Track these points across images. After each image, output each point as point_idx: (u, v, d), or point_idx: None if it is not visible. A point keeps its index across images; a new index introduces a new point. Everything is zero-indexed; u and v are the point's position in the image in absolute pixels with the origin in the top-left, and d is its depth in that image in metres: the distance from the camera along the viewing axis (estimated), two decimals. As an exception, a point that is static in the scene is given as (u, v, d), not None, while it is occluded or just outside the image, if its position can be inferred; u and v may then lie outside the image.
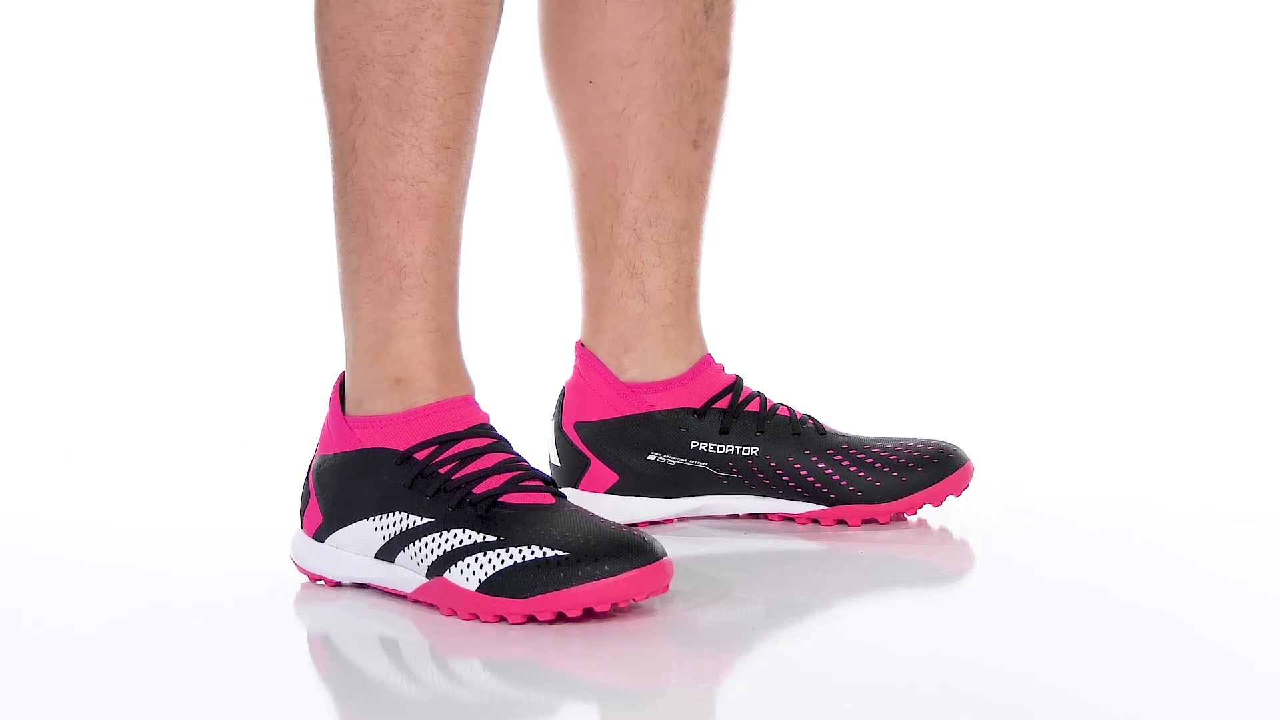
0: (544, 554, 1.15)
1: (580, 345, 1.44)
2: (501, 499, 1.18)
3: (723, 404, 1.41)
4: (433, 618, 1.18)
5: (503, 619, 1.15)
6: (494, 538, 1.17)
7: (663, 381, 1.41)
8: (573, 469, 1.43)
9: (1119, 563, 1.32)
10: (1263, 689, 1.02)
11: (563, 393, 1.45)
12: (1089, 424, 1.93)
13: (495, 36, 1.26)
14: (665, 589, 1.16)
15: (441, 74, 1.23)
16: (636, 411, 1.41)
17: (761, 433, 1.40)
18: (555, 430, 1.44)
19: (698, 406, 1.41)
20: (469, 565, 1.17)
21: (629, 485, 1.42)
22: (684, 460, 1.41)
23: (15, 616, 1.24)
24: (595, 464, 1.42)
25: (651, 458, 1.41)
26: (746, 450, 1.40)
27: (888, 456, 1.39)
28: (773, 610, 1.22)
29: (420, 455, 1.22)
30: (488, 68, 1.26)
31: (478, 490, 1.19)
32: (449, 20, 1.22)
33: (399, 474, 1.22)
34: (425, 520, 1.20)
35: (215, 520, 1.55)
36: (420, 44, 1.22)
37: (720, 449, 1.40)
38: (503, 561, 1.16)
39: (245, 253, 2.58)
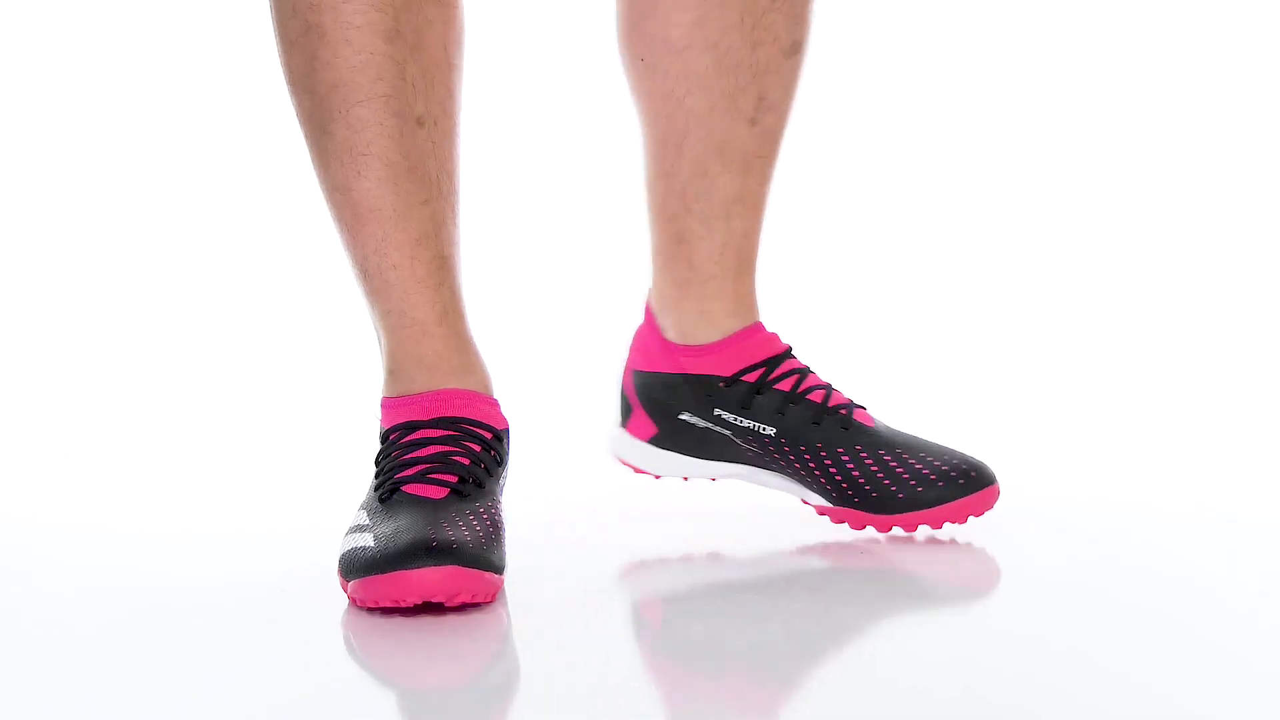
0: (366, 544, 1.21)
1: (647, 297, 1.48)
2: (404, 487, 1.25)
3: (752, 377, 1.41)
4: (437, 616, 1.18)
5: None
6: (368, 522, 1.23)
7: (696, 346, 1.43)
8: (623, 412, 1.47)
9: (1121, 563, 1.32)
10: (1266, 690, 1.02)
11: (632, 338, 1.49)
12: (1087, 424, 1.93)
13: (401, 39, 1.29)
14: (463, 598, 1.18)
15: (337, 86, 1.28)
16: (673, 371, 1.43)
17: (782, 414, 1.39)
18: (621, 372, 1.49)
19: (726, 375, 1.41)
20: (343, 544, 1.25)
21: (665, 439, 1.44)
22: (710, 425, 1.42)
23: (15, 617, 1.24)
24: (638, 411, 1.46)
25: (683, 417, 1.43)
26: (764, 429, 1.40)
27: (914, 466, 1.36)
28: (759, 608, 1.23)
29: (388, 441, 1.29)
30: (400, 70, 1.29)
31: (397, 476, 1.25)
32: (331, 34, 1.28)
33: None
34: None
35: (215, 521, 1.56)
36: (314, 61, 1.28)
37: (740, 421, 1.41)
38: (351, 544, 1.22)
39: (243, 255, 2.58)
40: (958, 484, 1.35)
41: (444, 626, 1.17)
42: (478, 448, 1.28)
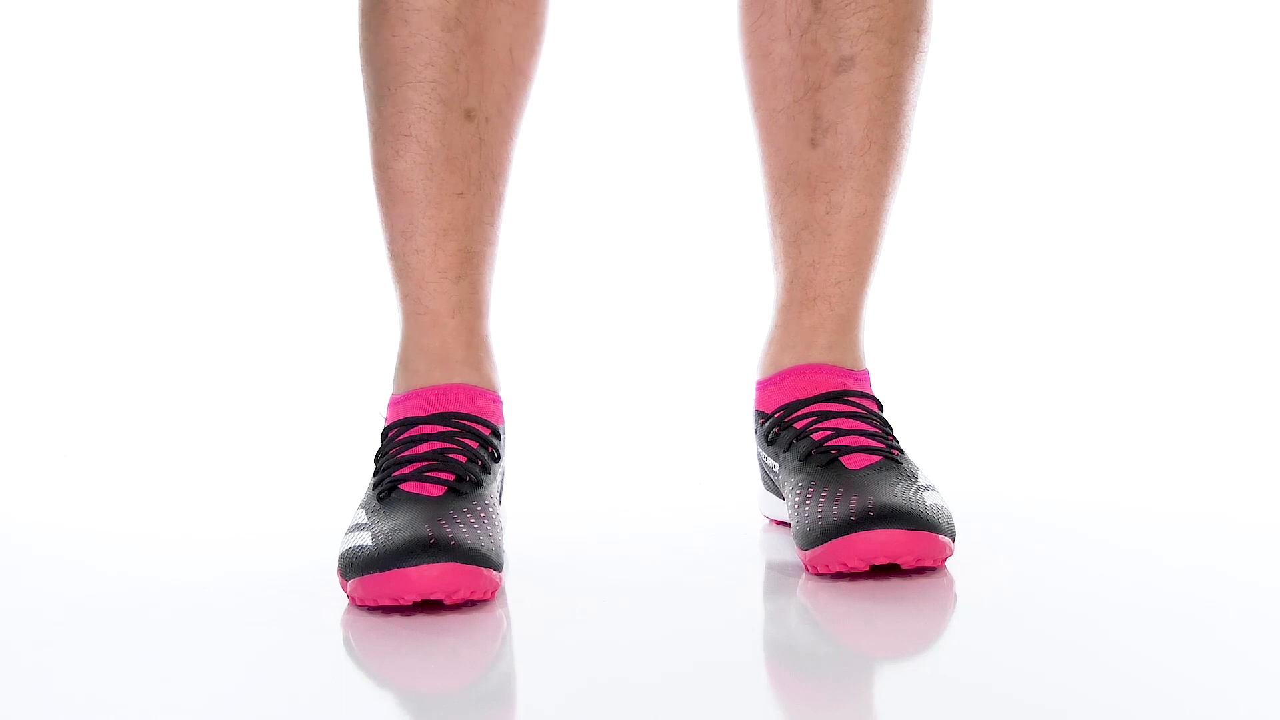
0: (364, 543, 1.20)
1: None
2: (402, 485, 1.25)
3: (779, 414, 1.36)
4: (435, 615, 1.18)
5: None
6: (367, 520, 1.23)
7: (760, 380, 1.40)
8: None
9: (1121, 563, 1.33)
10: (1266, 687, 1.02)
11: None
12: (1086, 424, 1.93)
13: (460, 30, 1.30)
14: (461, 595, 1.17)
15: (389, 64, 1.30)
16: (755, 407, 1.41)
17: (786, 451, 1.34)
18: None
19: (768, 411, 1.38)
20: (342, 543, 1.24)
21: (761, 478, 1.42)
22: (763, 461, 1.40)
23: (16, 617, 1.24)
24: None
25: (759, 453, 1.41)
26: (774, 464, 1.37)
27: (831, 507, 1.25)
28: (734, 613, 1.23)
29: (387, 439, 1.29)
30: (453, 60, 1.30)
31: (395, 474, 1.25)
32: (392, 12, 1.29)
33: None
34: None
35: (214, 521, 1.56)
36: (375, 36, 1.30)
37: (765, 457, 1.39)
38: (350, 543, 1.22)
39: (242, 257, 2.58)
40: (847, 523, 1.22)
41: (442, 627, 1.17)
42: (474, 444, 1.28)
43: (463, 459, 1.26)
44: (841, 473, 1.28)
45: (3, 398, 2.23)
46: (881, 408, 1.37)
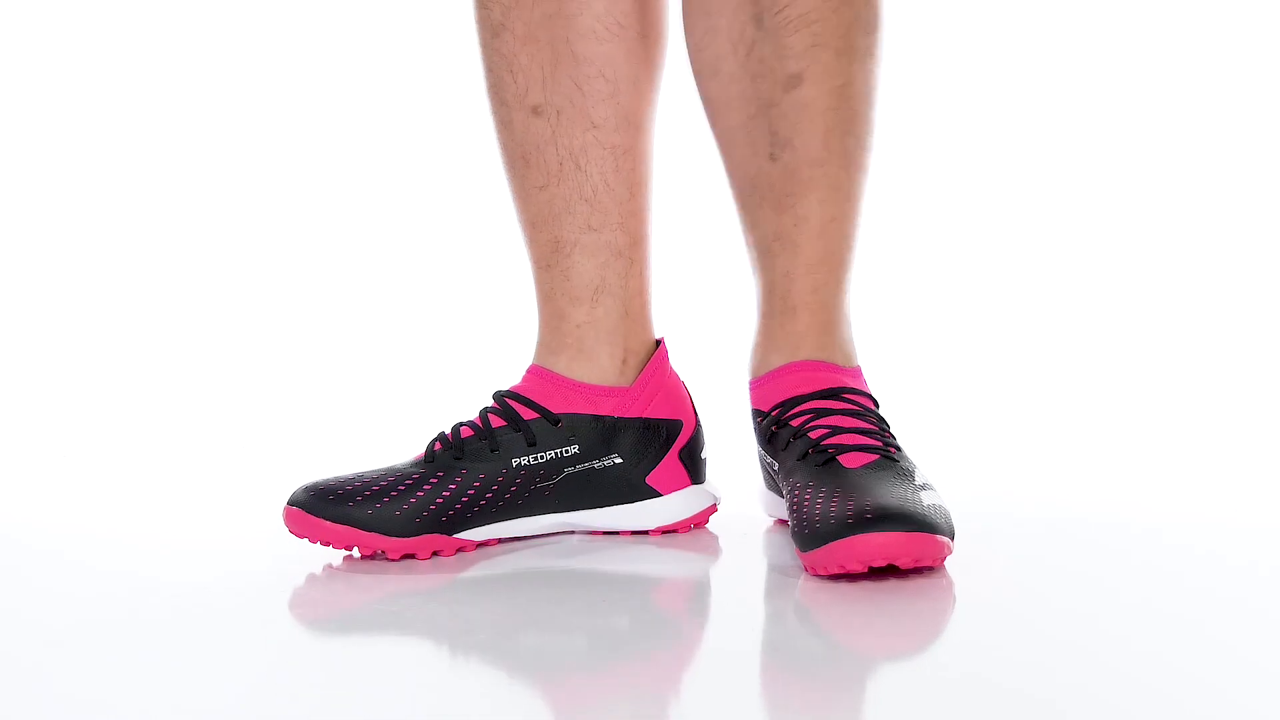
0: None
1: None
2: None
3: (776, 411, 1.36)
4: (443, 605, 1.18)
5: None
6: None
7: (753, 380, 1.40)
8: None
9: (1120, 563, 1.33)
10: (1266, 687, 1.02)
11: None
12: (1086, 424, 1.93)
13: (507, 32, 1.38)
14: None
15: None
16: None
17: (784, 449, 1.34)
18: None
19: (765, 409, 1.38)
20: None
21: (763, 478, 1.43)
22: (763, 459, 1.40)
23: (15, 617, 1.24)
24: None
25: (759, 452, 1.41)
26: (773, 463, 1.37)
27: (828, 508, 1.24)
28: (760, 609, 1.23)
29: None
30: (507, 63, 1.38)
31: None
32: (478, 29, 1.41)
33: None
34: None
35: (213, 522, 1.56)
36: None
37: (764, 456, 1.39)
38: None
39: (238, 260, 2.58)
40: (845, 525, 1.21)
41: (442, 625, 1.17)
42: (502, 422, 1.38)
43: (465, 433, 1.36)
44: (839, 473, 1.27)
45: (3, 398, 2.23)
46: (877, 404, 1.37)
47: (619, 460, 1.40)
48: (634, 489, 1.40)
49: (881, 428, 1.33)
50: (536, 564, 1.33)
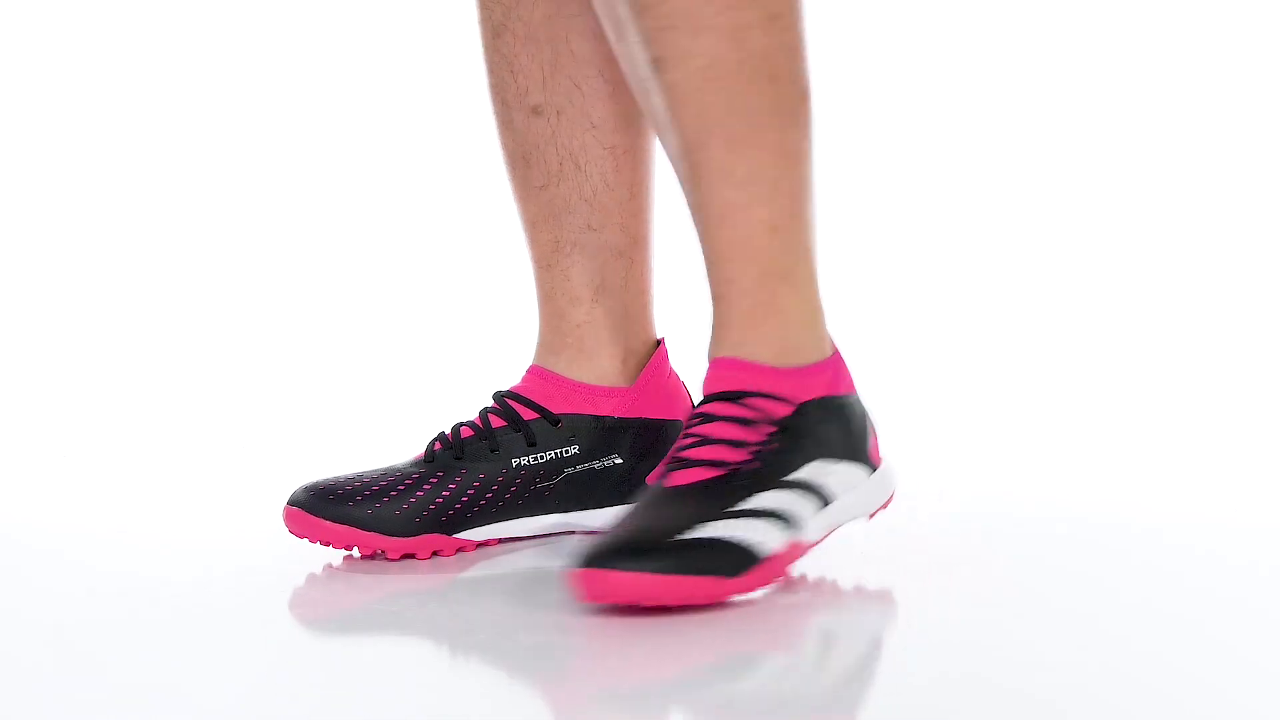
0: None
1: None
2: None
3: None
4: (439, 610, 1.18)
5: None
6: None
7: None
8: None
9: (1119, 563, 1.32)
10: (1266, 687, 1.02)
11: None
12: (1078, 425, 1.93)
13: (508, 33, 1.38)
14: None
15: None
16: None
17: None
18: None
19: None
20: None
21: None
22: None
23: (15, 616, 1.24)
24: None
25: None
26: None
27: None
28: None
29: None
30: (508, 63, 1.39)
31: None
32: (481, 31, 1.41)
33: None
34: None
35: (213, 522, 1.56)
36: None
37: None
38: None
39: (244, 260, 2.58)
40: (582, 557, 1.16)
41: (442, 625, 1.17)
42: (500, 423, 1.39)
43: (465, 433, 1.37)
44: (646, 492, 1.21)
45: (3, 398, 2.23)
46: (804, 407, 1.24)
47: (619, 460, 1.40)
48: (634, 489, 1.40)
49: (767, 441, 1.22)
50: (536, 564, 1.33)
